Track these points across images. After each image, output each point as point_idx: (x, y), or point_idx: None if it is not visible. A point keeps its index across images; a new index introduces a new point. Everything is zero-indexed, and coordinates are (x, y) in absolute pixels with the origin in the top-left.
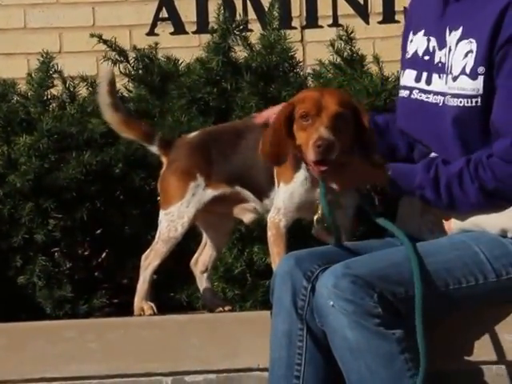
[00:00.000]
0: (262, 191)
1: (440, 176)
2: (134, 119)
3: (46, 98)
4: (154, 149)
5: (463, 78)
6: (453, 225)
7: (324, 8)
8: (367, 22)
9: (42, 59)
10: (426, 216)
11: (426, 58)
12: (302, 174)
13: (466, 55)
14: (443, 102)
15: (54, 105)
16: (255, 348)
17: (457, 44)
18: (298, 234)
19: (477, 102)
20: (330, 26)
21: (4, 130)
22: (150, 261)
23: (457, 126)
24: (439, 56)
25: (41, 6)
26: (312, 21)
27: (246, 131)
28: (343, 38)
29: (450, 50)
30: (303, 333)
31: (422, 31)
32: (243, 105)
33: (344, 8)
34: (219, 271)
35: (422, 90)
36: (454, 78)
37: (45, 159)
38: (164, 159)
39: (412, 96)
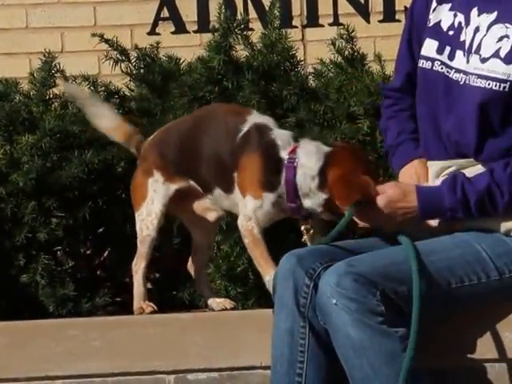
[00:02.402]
0: (206, 186)
1: (469, 196)
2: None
3: (48, 97)
4: (133, 150)
5: (495, 61)
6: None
7: (325, 7)
8: (368, 21)
9: (43, 59)
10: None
11: (451, 32)
12: (272, 197)
13: (501, 39)
14: (464, 81)
15: (56, 104)
16: (258, 346)
17: (489, 27)
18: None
19: (505, 87)
20: (330, 24)
21: (6, 130)
22: (138, 265)
23: (479, 108)
24: (465, 33)
25: (42, 6)
26: (313, 20)
27: (191, 122)
28: (344, 36)
29: (477, 30)
30: (305, 330)
31: (449, 5)
32: (244, 103)
33: (345, 7)
34: (222, 269)
35: (443, 63)
36: (484, 60)
37: (47, 158)
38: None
39: (434, 68)
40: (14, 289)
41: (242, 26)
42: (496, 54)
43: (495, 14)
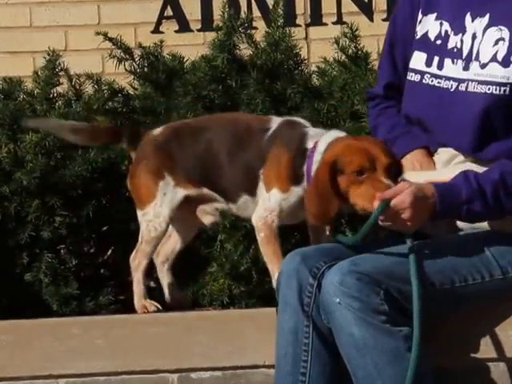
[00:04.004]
0: (229, 195)
1: (484, 185)
2: (97, 128)
3: (51, 95)
4: (124, 145)
5: (494, 65)
6: (460, 222)
7: (328, 5)
8: (371, 20)
9: (47, 57)
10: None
11: (438, 42)
12: (299, 190)
13: (497, 43)
14: (456, 87)
15: (60, 102)
16: (261, 345)
17: (484, 31)
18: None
19: (505, 90)
20: (334, 23)
21: (10, 128)
22: (139, 261)
23: (481, 114)
24: (454, 41)
25: (46, 5)
26: (316, 18)
27: (208, 129)
28: (348, 35)
29: (474, 36)
30: (309, 330)
31: (434, 14)
32: (248, 102)
33: (348, 5)
34: (225, 268)
35: (433, 75)
36: (483, 66)
37: (51, 157)
38: (132, 154)
39: (424, 81)
40: (17, 287)
41: (246, 25)
42: (494, 58)
43: (487, 16)
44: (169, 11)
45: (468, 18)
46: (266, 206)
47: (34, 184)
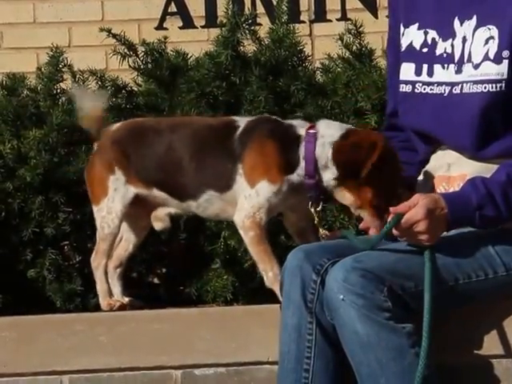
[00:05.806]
0: (189, 192)
1: (492, 189)
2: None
3: (55, 91)
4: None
5: (487, 63)
6: None
7: (332, 2)
8: (376, 16)
9: (51, 53)
10: None
11: (425, 50)
12: (293, 178)
13: (487, 42)
14: (450, 91)
15: (64, 99)
16: (265, 341)
17: (473, 33)
18: None
19: (501, 86)
20: (338, 19)
21: (14, 124)
22: (98, 261)
23: (480, 113)
24: (443, 47)
25: (50, 1)
26: (321, 15)
27: (168, 130)
28: (352, 31)
29: (465, 39)
30: (312, 326)
31: (416, 25)
32: (252, 99)
33: (352, 2)
34: (228, 265)
35: (424, 83)
36: (476, 66)
37: (54, 153)
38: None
39: (416, 90)
40: (21, 284)
41: (250, 21)
42: (486, 57)
43: (475, 18)
44: (173, 7)
45: (456, 22)
46: (253, 202)
47: (38, 180)
